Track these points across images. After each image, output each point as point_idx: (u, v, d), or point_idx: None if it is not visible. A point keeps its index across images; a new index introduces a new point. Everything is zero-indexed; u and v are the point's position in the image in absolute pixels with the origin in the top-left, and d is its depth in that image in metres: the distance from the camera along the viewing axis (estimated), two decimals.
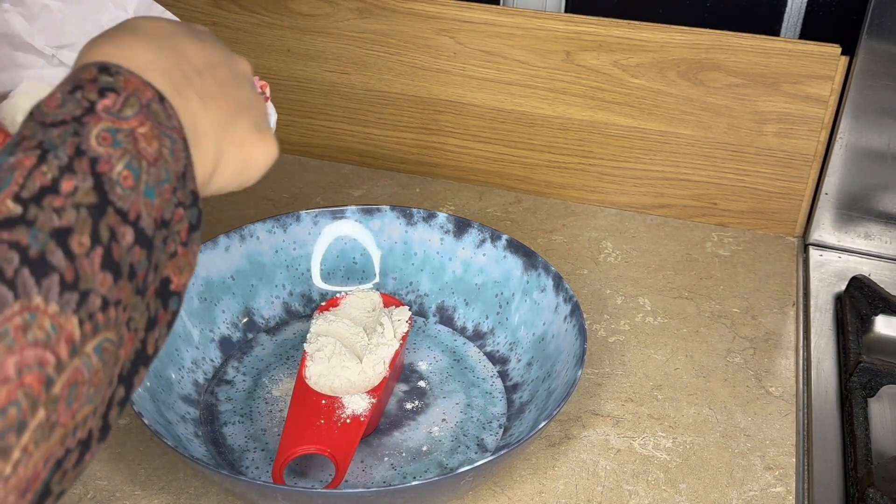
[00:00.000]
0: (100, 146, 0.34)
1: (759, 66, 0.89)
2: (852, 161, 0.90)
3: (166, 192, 0.37)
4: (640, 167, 0.98)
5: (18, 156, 0.33)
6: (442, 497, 0.63)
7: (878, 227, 0.92)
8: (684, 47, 0.90)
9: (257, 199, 1.01)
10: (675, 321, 0.84)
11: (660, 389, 0.76)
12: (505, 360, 0.77)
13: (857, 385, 0.75)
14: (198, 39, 0.44)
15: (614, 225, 0.98)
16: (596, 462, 0.69)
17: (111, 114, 0.35)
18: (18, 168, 0.33)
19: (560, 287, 0.74)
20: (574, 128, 0.97)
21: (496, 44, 0.95)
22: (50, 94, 0.36)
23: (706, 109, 0.92)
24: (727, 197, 0.97)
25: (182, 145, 0.38)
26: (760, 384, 0.77)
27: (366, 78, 1.02)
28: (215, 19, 1.04)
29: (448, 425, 0.71)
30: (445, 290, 0.82)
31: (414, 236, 0.82)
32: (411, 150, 1.05)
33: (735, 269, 0.92)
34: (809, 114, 0.90)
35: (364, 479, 0.66)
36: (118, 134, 0.35)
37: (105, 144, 0.35)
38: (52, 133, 0.34)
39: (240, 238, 0.79)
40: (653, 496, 0.67)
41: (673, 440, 0.71)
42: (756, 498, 0.67)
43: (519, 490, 0.67)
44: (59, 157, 0.33)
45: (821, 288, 0.89)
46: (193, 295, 0.76)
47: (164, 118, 0.37)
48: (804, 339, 0.83)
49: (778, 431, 0.73)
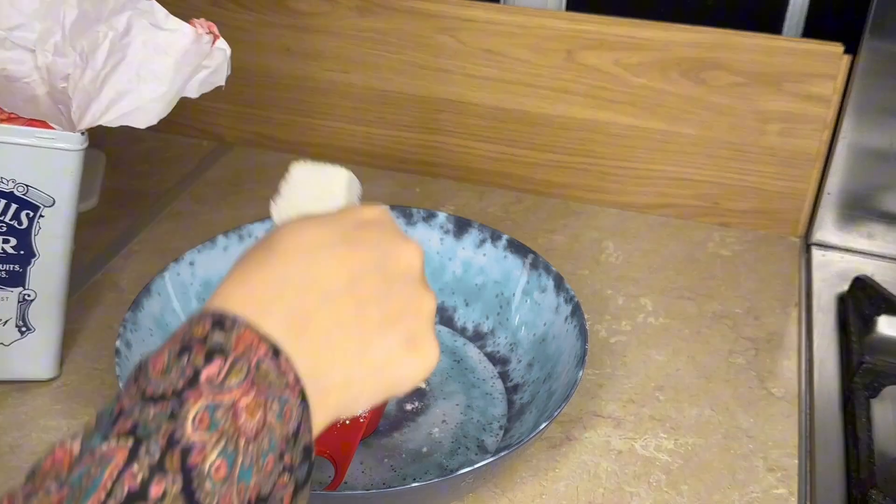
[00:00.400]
0: (195, 432, 0.33)
1: (762, 65, 0.88)
2: (855, 160, 0.89)
3: (268, 465, 0.35)
4: (642, 167, 0.97)
5: (111, 443, 0.32)
6: (442, 499, 0.62)
7: (880, 227, 0.92)
8: (686, 46, 0.90)
9: (256, 199, 1.00)
10: (676, 322, 0.84)
11: (661, 390, 0.76)
12: (505, 360, 0.76)
13: (860, 386, 0.74)
14: (347, 246, 0.40)
15: (616, 225, 0.98)
16: (597, 464, 0.69)
17: (214, 386, 0.34)
18: (109, 464, 0.32)
19: (561, 287, 0.74)
20: (575, 127, 0.97)
21: (497, 42, 0.95)
22: (159, 350, 0.35)
23: (708, 108, 0.92)
24: (729, 197, 0.96)
25: (297, 402, 0.36)
26: (762, 385, 0.77)
27: (366, 77, 1.01)
28: (215, 19, 1.02)
29: (448, 427, 0.71)
30: (445, 291, 0.81)
31: (414, 236, 0.82)
32: (411, 149, 1.04)
33: (737, 269, 0.91)
34: (812, 113, 0.89)
35: (364, 481, 0.66)
36: (217, 411, 0.34)
37: (201, 428, 0.33)
38: (149, 413, 0.33)
39: (238, 238, 0.79)
40: (654, 498, 0.66)
41: (675, 441, 0.71)
42: (758, 499, 0.66)
43: (519, 492, 0.67)
44: (150, 453, 0.32)
45: (823, 288, 0.89)
46: (192, 296, 0.75)
47: (276, 377, 0.36)
48: (806, 340, 0.82)
49: (780, 433, 0.72)
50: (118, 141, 1.11)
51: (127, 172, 1.05)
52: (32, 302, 0.70)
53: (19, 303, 0.70)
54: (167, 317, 0.72)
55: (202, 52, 0.66)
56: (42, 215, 0.67)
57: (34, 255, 0.68)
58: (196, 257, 0.76)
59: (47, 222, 0.67)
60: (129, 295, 0.85)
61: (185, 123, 1.12)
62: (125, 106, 0.64)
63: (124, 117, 0.64)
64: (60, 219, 0.68)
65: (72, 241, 0.70)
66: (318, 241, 0.40)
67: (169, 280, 0.74)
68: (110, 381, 0.75)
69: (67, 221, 0.68)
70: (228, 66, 0.67)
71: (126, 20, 0.65)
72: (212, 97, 1.14)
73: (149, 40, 0.64)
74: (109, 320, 0.82)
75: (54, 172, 0.66)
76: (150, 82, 0.64)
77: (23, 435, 0.70)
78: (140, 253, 0.91)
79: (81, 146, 0.66)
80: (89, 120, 0.65)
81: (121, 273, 0.88)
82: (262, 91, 1.06)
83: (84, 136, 0.66)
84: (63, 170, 0.66)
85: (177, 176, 1.05)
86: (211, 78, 0.67)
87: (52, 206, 0.67)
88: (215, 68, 0.67)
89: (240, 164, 1.07)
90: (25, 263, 0.69)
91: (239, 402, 0.34)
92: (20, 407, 0.73)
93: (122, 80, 0.64)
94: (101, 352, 0.78)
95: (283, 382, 0.36)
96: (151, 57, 0.64)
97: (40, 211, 0.67)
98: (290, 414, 0.36)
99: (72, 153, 0.65)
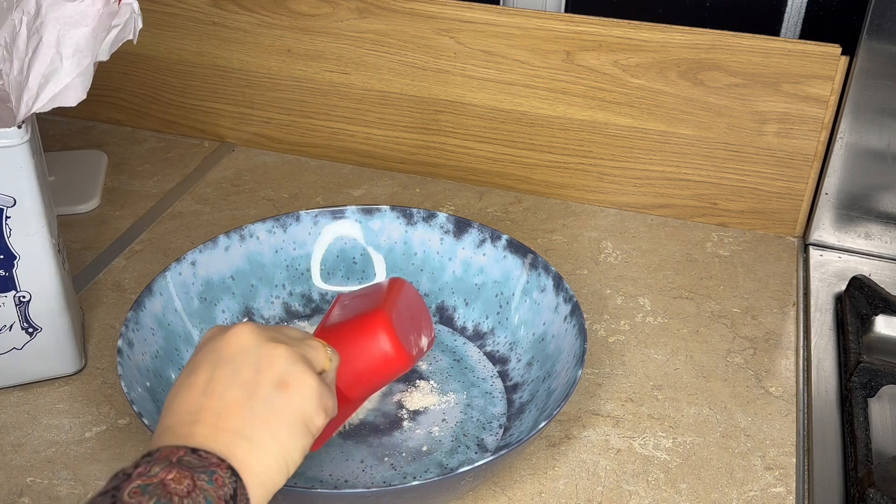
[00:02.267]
0: (132, 499, 0.41)
1: (760, 66, 0.88)
2: (852, 161, 0.90)
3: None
4: (640, 167, 0.97)
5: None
6: (442, 497, 0.63)
7: (878, 227, 0.92)
8: (684, 47, 0.90)
9: (257, 199, 1.01)
10: (675, 321, 0.84)
11: (660, 389, 0.76)
12: (505, 360, 0.77)
13: (858, 385, 0.75)
14: (250, 361, 0.50)
15: (614, 225, 0.98)
16: (596, 462, 0.69)
17: (142, 476, 0.42)
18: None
19: (560, 287, 0.74)
20: (574, 128, 0.97)
21: (496, 44, 0.95)
22: None
23: (706, 109, 0.92)
24: (727, 197, 0.97)
25: (227, 473, 0.44)
26: (760, 384, 0.77)
27: (366, 78, 1.02)
28: (215, 19, 1.04)
29: (448, 425, 0.71)
30: (445, 290, 0.82)
31: (414, 236, 0.82)
32: (411, 150, 1.05)
33: (735, 269, 0.92)
34: (809, 114, 0.89)
35: (364, 480, 0.66)
36: (147, 486, 0.42)
37: (135, 496, 0.41)
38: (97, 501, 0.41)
39: (239, 238, 0.79)
40: (653, 496, 0.67)
41: (673, 440, 0.71)
42: (756, 498, 0.67)
43: (519, 490, 0.67)
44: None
45: (821, 288, 0.89)
46: (193, 295, 0.76)
47: (198, 462, 0.44)
48: (804, 339, 0.83)
49: (778, 431, 0.73)
50: (120, 141, 1.11)
51: (128, 173, 1.05)
52: (30, 302, 0.70)
53: (17, 306, 0.70)
54: (169, 316, 0.73)
55: (113, 13, 0.64)
56: (8, 216, 0.66)
57: (14, 256, 0.68)
58: (197, 257, 0.76)
59: (16, 222, 0.66)
60: (131, 294, 0.85)
61: (187, 124, 1.12)
62: (53, 87, 0.62)
63: (55, 99, 0.62)
64: (29, 216, 0.66)
65: (52, 236, 0.69)
66: (230, 355, 0.50)
67: (170, 280, 0.74)
68: (112, 380, 0.76)
69: (37, 217, 0.67)
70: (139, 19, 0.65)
71: (34, 1, 0.63)
72: (213, 98, 1.15)
73: (60, 16, 0.62)
74: (111, 320, 0.82)
75: (6, 171, 0.64)
76: (72, 57, 0.62)
77: (25, 434, 0.70)
78: (142, 253, 0.92)
79: (23, 139, 0.64)
80: (24, 110, 0.63)
81: (122, 273, 0.89)
82: (262, 92, 1.07)
83: (24, 129, 0.64)
84: (14, 167, 0.64)
85: (178, 176, 1.05)
86: (121, 34, 0.64)
87: (15, 205, 0.65)
88: (123, 24, 0.64)
89: (241, 165, 1.07)
90: (9, 267, 0.68)
91: (165, 478, 0.42)
92: (23, 406, 0.73)
93: (45, 61, 0.62)
94: (104, 351, 0.79)
95: (206, 463, 0.44)
96: (67, 32, 0.62)
97: (4, 213, 0.66)
98: (222, 481, 0.44)
99: (16, 148, 0.64)
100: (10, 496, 0.65)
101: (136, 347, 0.68)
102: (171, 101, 1.11)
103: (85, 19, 0.63)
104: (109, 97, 1.13)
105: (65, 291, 0.72)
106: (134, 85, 1.11)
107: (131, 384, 0.64)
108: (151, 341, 0.70)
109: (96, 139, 1.12)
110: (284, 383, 0.49)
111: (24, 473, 0.67)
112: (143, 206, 0.99)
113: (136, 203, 1.00)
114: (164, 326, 0.72)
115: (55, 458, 0.68)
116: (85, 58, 0.63)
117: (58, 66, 0.62)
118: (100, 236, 0.94)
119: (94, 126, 1.14)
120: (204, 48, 1.06)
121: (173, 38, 1.06)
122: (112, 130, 1.14)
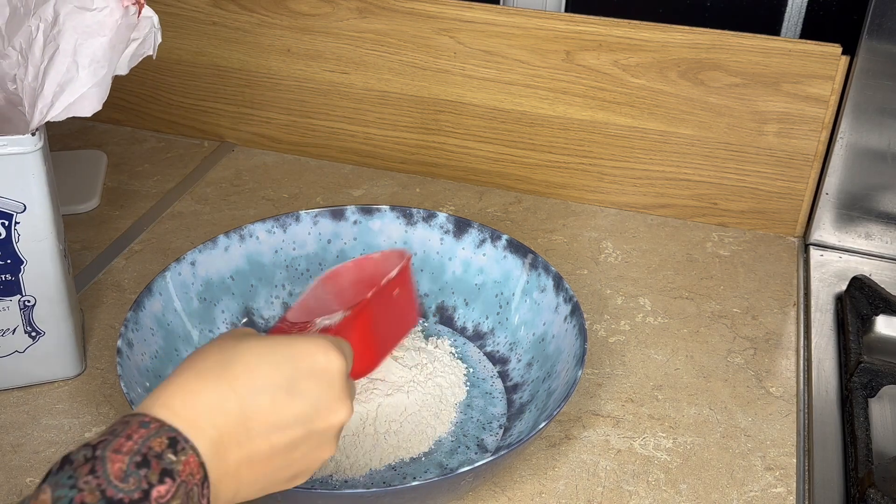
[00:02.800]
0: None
1: (760, 66, 0.88)
2: (853, 161, 0.90)
3: None
4: (641, 167, 0.97)
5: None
6: (442, 497, 0.63)
7: (878, 227, 0.92)
8: (684, 47, 0.90)
9: (257, 199, 1.01)
10: (675, 321, 0.84)
11: (660, 390, 0.76)
12: (505, 360, 0.77)
13: (858, 385, 0.75)
14: (287, 394, 0.47)
15: (614, 225, 0.98)
16: (596, 462, 0.69)
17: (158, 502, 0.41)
18: None
19: (560, 287, 0.74)
20: (574, 128, 0.97)
21: (496, 43, 0.95)
22: (115, 445, 0.40)
23: (706, 109, 0.92)
24: (727, 197, 0.96)
25: None
26: (761, 384, 0.77)
27: (366, 78, 1.02)
28: (215, 19, 1.04)
29: (448, 426, 0.71)
30: (445, 290, 0.81)
31: (414, 236, 0.82)
32: (411, 150, 1.05)
33: (735, 269, 0.91)
34: (810, 114, 0.89)
35: (364, 480, 0.66)
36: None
37: None
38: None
39: (239, 238, 0.79)
40: (653, 496, 0.67)
41: (673, 440, 0.71)
42: (757, 498, 0.67)
43: (519, 490, 0.67)
44: None
45: (821, 288, 0.89)
46: (193, 295, 0.75)
47: (197, 499, 0.42)
48: (805, 340, 0.83)
49: (778, 432, 0.72)
50: (119, 141, 1.11)
51: (128, 173, 1.05)
52: (34, 307, 0.70)
53: (21, 310, 0.70)
54: (168, 316, 0.73)
55: (132, 25, 0.63)
56: (17, 222, 0.66)
57: (22, 261, 0.68)
58: (197, 257, 0.76)
59: (25, 228, 0.66)
60: (131, 295, 0.85)
61: (187, 124, 1.12)
62: (68, 97, 0.62)
63: (69, 109, 0.62)
64: (38, 222, 0.67)
65: (59, 241, 0.69)
66: (266, 382, 0.46)
67: (170, 280, 0.74)
68: (112, 380, 0.75)
69: (47, 223, 0.67)
70: (158, 33, 0.65)
71: (52, 8, 0.63)
72: (213, 98, 1.15)
73: (78, 24, 0.62)
74: (111, 320, 0.82)
75: (17, 178, 0.64)
76: (88, 67, 0.62)
77: (25, 434, 0.70)
78: (141, 253, 0.92)
79: (36, 147, 0.64)
80: (38, 118, 0.63)
81: (122, 273, 0.89)
82: (262, 92, 1.07)
83: (38, 136, 0.64)
84: (26, 173, 0.64)
85: (178, 176, 1.05)
86: (140, 49, 0.64)
87: (25, 211, 0.65)
88: (143, 38, 0.64)
89: (241, 165, 1.07)
90: (16, 271, 0.68)
91: None
92: (22, 406, 0.73)
93: (61, 70, 0.62)
94: (103, 351, 0.79)
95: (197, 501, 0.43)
96: (84, 41, 0.62)
97: (14, 218, 0.66)
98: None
99: (30, 155, 0.64)
100: (10, 496, 0.65)
101: (136, 348, 0.68)
102: (171, 101, 1.11)
103: (103, 29, 0.62)
104: (109, 97, 1.12)
105: (69, 296, 0.72)
106: (134, 85, 1.11)
107: (131, 384, 0.64)
108: (151, 342, 0.70)
109: (96, 139, 1.12)
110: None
111: (23, 473, 0.67)
112: (142, 206, 0.99)
113: (136, 203, 1.00)
114: (164, 327, 0.72)
115: (55, 458, 0.68)
116: (101, 68, 0.62)
117: (74, 76, 0.62)
118: (99, 236, 0.94)
119: (94, 126, 1.14)
120: (204, 48, 1.06)
121: (173, 38, 1.06)
122: (112, 130, 1.14)
